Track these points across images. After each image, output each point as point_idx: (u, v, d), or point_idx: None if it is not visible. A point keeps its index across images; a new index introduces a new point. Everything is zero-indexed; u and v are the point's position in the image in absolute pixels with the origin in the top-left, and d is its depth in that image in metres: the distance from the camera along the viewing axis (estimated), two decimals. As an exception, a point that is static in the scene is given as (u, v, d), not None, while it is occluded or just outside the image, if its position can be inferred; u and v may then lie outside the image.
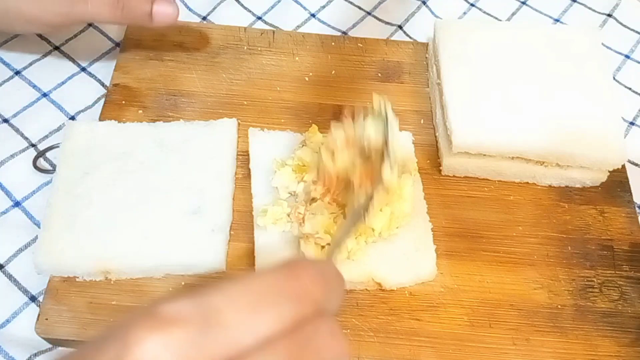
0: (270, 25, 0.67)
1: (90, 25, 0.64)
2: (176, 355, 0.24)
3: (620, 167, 0.54)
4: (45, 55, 0.62)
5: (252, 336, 0.25)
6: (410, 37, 0.68)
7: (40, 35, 0.63)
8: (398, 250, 0.50)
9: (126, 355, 0.24)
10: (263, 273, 0.28)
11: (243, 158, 0.55)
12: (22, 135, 0.57)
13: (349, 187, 0.47)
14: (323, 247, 0.48)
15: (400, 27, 0.69)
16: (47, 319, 0.47)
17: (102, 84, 0.61)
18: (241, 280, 0.27)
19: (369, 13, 0.70)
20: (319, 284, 0.28)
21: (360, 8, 0.70)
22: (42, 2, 0.49)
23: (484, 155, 0.54)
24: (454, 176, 0.56)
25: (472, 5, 0.72)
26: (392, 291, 0.50)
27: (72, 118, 0.58)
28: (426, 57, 0.64)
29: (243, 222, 0.52)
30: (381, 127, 0.45)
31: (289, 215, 0.50)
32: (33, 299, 0.50)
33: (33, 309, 0.49)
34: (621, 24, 0.71)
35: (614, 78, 0.66)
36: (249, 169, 0.54)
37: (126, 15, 0.49)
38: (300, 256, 0.47)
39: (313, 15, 0.69)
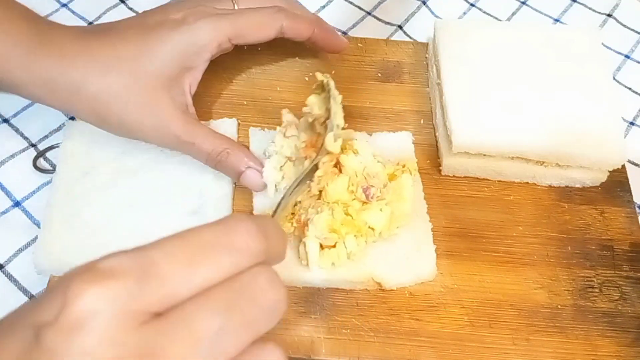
0: (270, 25, 0.67)
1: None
2: (114, 306, 0.25)
3: (620, 167, 0.54)
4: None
5: (188, 286, 0.26)
6: (410, 37, 0.68)
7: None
8: (398, 250, 0.50)
9: (66, 308, 0.25)
10: (201, 227, 0.29)
11: (243, 158, 0.55)
12: (22, 135, 0.57)
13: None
14: (324, 247, 0.48)
15: (400, 27, 0.69)
16: None
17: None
18: (179, 234, 0.28)
19: (369, 13, 0.70)
20: (257, 236, 0.28)
21: (360, 8, 0.70)
22: (158, 131, 0.50)
23: (484, 155, 0.54)
24: (454, 176, 0.56)
25: (472, 5, 0.72)
26: (392, 291, 0.50)
27: (72, 118, 0.58)
28: (426, 57, 0.64)
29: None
30: (324, 100, 0.48)
31: (293, 215, 0.50)
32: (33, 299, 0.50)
33: (33, 309, 0.49)
34: (621, 24, 0.71)
35: (614, 78, 0.66)
36: (249, 169, 0.54)
37: (219, 168, 0.51)
38: (238, 213, 0.49)
39: (313, 15, 0.69)
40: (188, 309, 0.26)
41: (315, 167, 0.48)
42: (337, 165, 0.51)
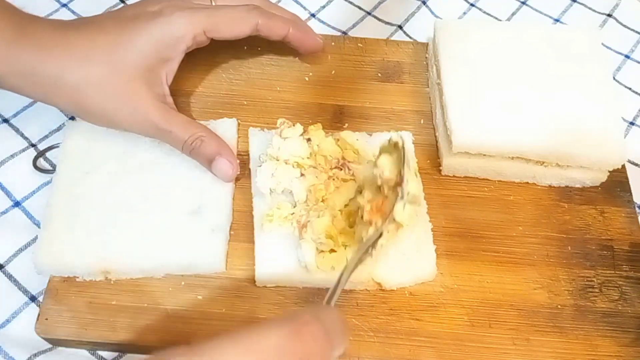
0: (270, 25, 0.67)
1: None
2: None
3: (620, 167, 0.54)
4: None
5: None
6: (410, 37, 0.68)
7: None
8: (398, 250, 0.50)
9: None
10: (265, 332, 0.27)
11: (243, 158, 0.55)
12: (22, 135, 0.57)
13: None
14: (322, 251, 0.48)
15: (400, 27, 0.69)
16: (47, 319, 0.47)
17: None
18: (241, 339, 0.26)
19: (369, 13, 0.70)
20: (324, 340, 0.27)
21: (360, 8, 0.70)
22: (136, 119, 0.51)
23: (484, 155, 0.54)
24: (454, 176, 0.56)
25: (472, 5, 0.72)
26: (392, 291, 0.50)
27: (72, 118, 0.58)
28: (426, 57, 0.64)
29: (243, 222, 0.52)
30: (396, 162, 0.45)
31: (292, 215, 0.50)
32: (33, 299, 0.50)
33: (33, 309, 0.49)
34: (621, 24, 0.71)
35: (614, 78, 0.66)
36: (249, 169, 0.54)
37: (193, 156, 0.52)
38: (301, 311, 0.44)
39: (313, 15, 0.69)
40: None
41: (379, 235, 0.44)
42: (340, 173, 0.51)
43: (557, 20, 0.71)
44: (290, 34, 0.57)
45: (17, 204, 0.54)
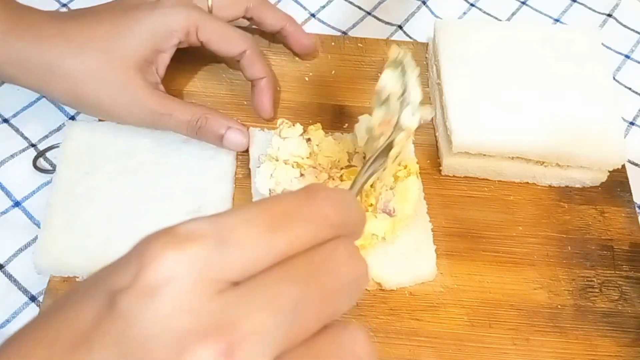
0: (270, 25, 0.67)
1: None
2: (192, 271, 0.23)
3: (620, 167, 0.54)
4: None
5: (268, 254, 0.25)
6: (410, 37, 0.68)
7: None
8: (398, 250, 0.50)
9: (141, 272, 0.24)
10: (280, 195, 0.28)
11: (243, 158, 0.55)
12: (22, 135, 0.57)
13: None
14: None
15: (400, 27, 0.69)
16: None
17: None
18: (258, 202, 0.27)
19: (369, 13, 0.70)
20: (338, 208, 0.27)
21: (360, 8, 0.70)
22: (133, 107, 0.51)
23: (484, 155, 0.54)
24: (454, 176, 0.56)
25: (472, 5, 0.71)
26: (392, 291, 0.50)
27: (72, 118, 0.58)
28: (426, 57, 0.64)
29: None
30: (399, 75, 0.45)
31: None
32: (33, 299, 0.50)
33: (33, 309, 0.49)
34: (621, 24, 0.71)
35: (614, 78, 0.66)
36: (249, 169, 0.54)
37: (200, 135, 0.53)
38: (319, 183, 0.47)
39: (313, 15, 0.69)
40: (266, 279, 0.25)
41: (390, 145, 0.44)
42: (343, 175, 0.52)
43: (557, 20, 0.71)
44: (285, 29, 0.59)
45: (17, 204, 0.54)
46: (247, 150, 0.55)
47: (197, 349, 0.22)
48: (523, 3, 0.72)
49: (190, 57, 0.61)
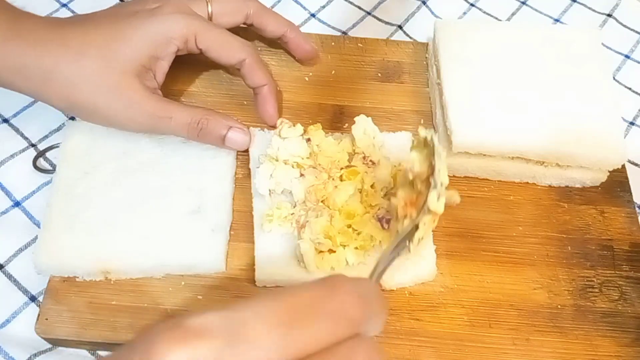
0: (270, 25, 0.67)
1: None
2: None
3: (620, 167, 0.54)
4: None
5: (282, 355, 0.24)
6: (410, 37, 0.68)
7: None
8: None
9: None
10: (298, 288, 0.26)
11: (243, 158, 0.55)
12: (22, 135, 0.57)
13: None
14: (321, 251, 0.48)
15: (400, 27, 0.69)
16: (47, 319, 0.47)
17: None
18: (273, 295, 0.26)
19: (369, 13, 0.70)
20: (358, 303, 0.26)
21: (360, 8, 0.70)
22: (131, 111, 0.51)
23: (484, 155, 0.54)
24: (454, 176, 0.56)
25: (472, 5, 0.72)
26: (392, 291, 0.50)
27: (72, 118, 0.58)
28: (426, 57, 0.64)
29: (243, 222, 0.52)
30: (426, 157, 0.45)
31: (292, 215, 0.50)
32: (33, 299, 0.50)
33: (33, 309, 0.49)
34: (621, 24, 0.71)
35: (614, 78, 0.66)
36: (249, 169, 0.54)
37: (202, 137, 0.52)
38: (339, 274, 0.47)
39: (313, 15, 0.69)
40: None
41: (415, 227, 0.43)
42: (342, 175, 0.52)
43: (557, 20, 0.71)
44: (287, 35, 0.59)
45: (17, 204, 0.54)
46: (247, 150, 0.55)
47: None
48: (523, 3, 0.72)
49: (191, 57, 0.60)
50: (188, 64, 0.60)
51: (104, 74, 0.50)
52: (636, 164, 0.61)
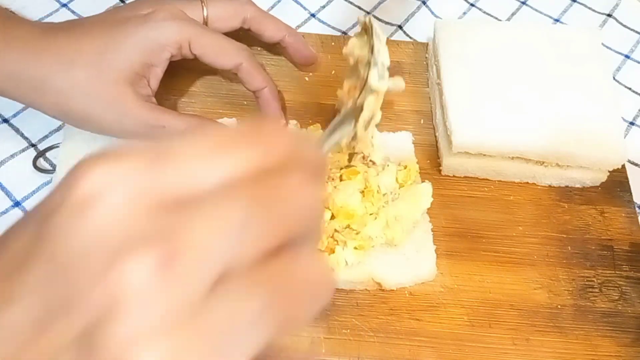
0: (270, 25, 0.67)
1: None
2: (126, 184, 0.21)
3: (620, 167, 0.54)
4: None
5: (208, 176, 0.22)
6: (410, 37, 0.68)
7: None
8: (398, 250, 0.50)
9: (71, 189, 0.21)
10: (223, 126, 0.27)
11: (243, 158, 0.55)
12: (22, 135, 0.57)
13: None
14: (320, 251, 0.48)
15: (400, 27, 0.69)
16: None
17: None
18: (200, 129, 0.25)
19: (368, 13, 0.70)
20: (290, 140, 0.24)
21: (360, 8, 0.70)
22: (125, 121, 0.50)
23: (484, 155, 0.54)
24: (454, 176, 0.56)
25: (472, 5, 0.71)
26: (392, 291, 0.50)
27: (72, 118, 0.58)
28: (426, 57, 0.64)
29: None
30: (366, 42, 0.44)
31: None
32: (33, 299, 0.50)
33: (33, 309, 0.49)
34: (621, 24, 0.71)
35: (614, 78, 0.66)
36: (249, 169, 0.54)
37: None
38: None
39: (313, 15, 0.69)
40: (209, 198, 0.22)
41: (360, 109, 0.43)
42: (342, 175, 0.52)
43: (557, 20, 0.71)
44: (286, 40, 0.58)
45: (17, 204, 0.54)
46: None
47: (131, 259, 0.20)
48: (523, 3, 0.72)
49: (190, 60, 0.61)
50: (188, 64, 0.60)
51: (96, 84, 0.49)
52: (636, 164, 0.60)
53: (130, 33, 0.50)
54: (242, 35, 0.57)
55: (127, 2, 0.68)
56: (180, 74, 0.60)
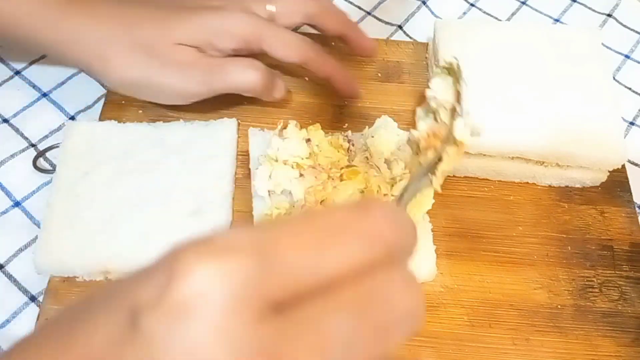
0: (270, 25, 0.67)
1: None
2: (230, 288, 0.20)
3: (620, 167, 0.54)
4: (45, 55, 0.62)
5: (315, 274, 0.22)
6: (410, 37, 0.68)
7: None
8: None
9: (171, 286, 0.20)
10: (331, 209, 0.25)
11: (243, 158, 0.55)
12: (22, 135, 0.57)
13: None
14: None
15: (400, 27, 0.69)
16: (47, 319, 0.47)
17: (102, 84, 0.61)
18: (305, 214, 0.24)
19: (369, 13, 0.70)
20: (393, 226, 0.24)
21: (360, 8, 0.70)
22: (184, 73, 0.52)
23: (484, 155, 0.54)
24: (454, 176, 0.56)
25: (472, 5, 0.72)
26: (392, 291, 0.50)
27: (72, 118, 0.58)
28: (426, 57, 0.64)
29: (243, 222, 0.52)
30: (451, 84, 0.43)
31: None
32: (33, 299, 0.50)
33: (33, 309, 0.49)
34: (621, 24, 0.71)
35: (614, 78, 0.66)
36: (249, 169, 0.54)
37: (266, 95, 0.55)
38: (373, 197, 0.45)
39: (313, 15, 0.69)
40: (314, 309, 0.21)
41: (438, 160, 0.40)
42: (342, 175, 0.52)
43: (557, 20, 0.71)
44: (348, 34, 0.59)
45: (17, 204, 0.54)
46: (247, 151, 0.55)
47: None
48: (523, 3, 0.72)
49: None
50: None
51: (156, 44, 0.50)
52: (636, 164, 0.61)
53: (198, 14, 0.52)
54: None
55: None
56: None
